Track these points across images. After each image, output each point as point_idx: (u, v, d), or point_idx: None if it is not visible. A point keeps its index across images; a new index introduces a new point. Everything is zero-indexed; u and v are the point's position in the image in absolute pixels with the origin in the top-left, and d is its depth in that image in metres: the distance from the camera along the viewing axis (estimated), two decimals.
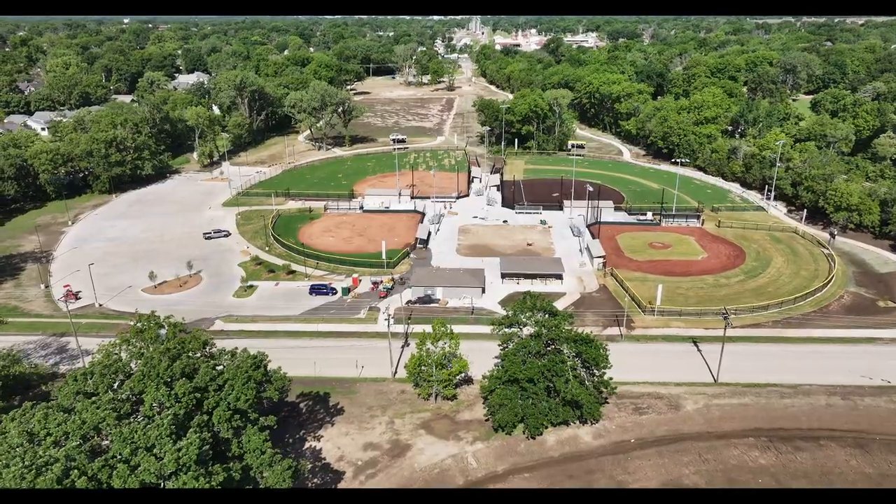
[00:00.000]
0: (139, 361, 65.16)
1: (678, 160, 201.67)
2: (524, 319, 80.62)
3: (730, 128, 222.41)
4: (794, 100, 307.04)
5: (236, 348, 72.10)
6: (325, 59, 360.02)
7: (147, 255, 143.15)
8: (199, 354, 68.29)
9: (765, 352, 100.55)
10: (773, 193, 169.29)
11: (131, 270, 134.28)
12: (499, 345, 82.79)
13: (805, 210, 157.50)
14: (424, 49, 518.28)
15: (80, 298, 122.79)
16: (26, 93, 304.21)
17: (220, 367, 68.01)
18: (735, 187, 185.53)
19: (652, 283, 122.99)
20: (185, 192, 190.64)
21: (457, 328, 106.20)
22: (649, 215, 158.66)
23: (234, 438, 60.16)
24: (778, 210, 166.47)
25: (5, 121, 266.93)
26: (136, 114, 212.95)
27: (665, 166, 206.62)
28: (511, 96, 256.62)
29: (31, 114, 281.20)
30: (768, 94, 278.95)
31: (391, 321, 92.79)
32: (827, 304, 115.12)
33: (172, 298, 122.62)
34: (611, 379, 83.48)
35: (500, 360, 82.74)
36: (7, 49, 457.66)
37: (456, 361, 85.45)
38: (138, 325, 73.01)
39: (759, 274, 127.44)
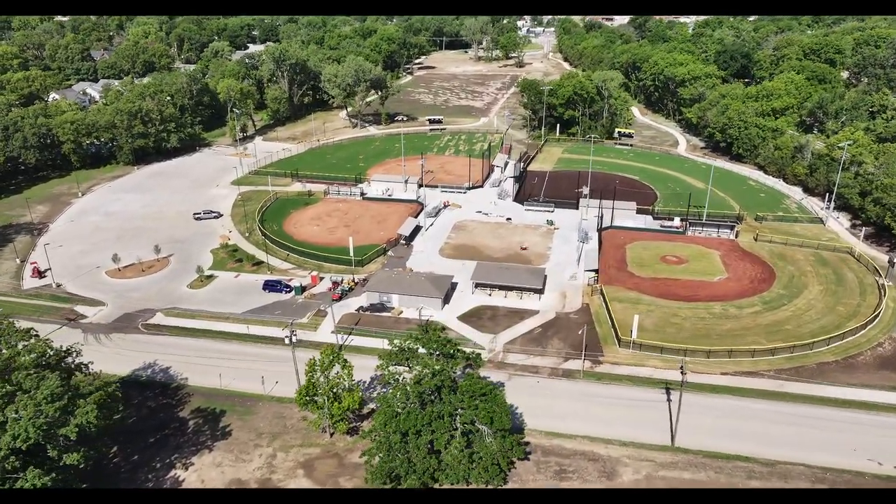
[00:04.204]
0: None
1: (732, 155, 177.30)
2: (415, 358, 67.41)
3: (808, 120, 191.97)
4: None
5: (48, 371, 63.84)
6: (390, 31, 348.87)
7: (135, 233, 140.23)
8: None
9: (751, 411, 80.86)
10: (832, 203, 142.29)
11: (110, 249, 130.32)
12: (381, 385, 70.21)
13: (866, 227, 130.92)
14: (507, 21, 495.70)
15: (45, 276, 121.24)
16: (98, 60, 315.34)
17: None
18: (796, 192, 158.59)
19: (646, 306, 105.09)
20: (206, 166, 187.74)
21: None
22: (677, 221, 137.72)
23: (4, 484, 52.18)
24: (839, 224, 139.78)
25: (73, 87, 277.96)
26: (172, 85, 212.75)
27: (720, 162, 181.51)
28: (580, 74, 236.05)
29: (97, 81, 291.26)
30: (874, 80, 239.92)
31: (293, 336, 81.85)
32: (856, 354, 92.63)
33: (130, 283, 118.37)
34: (523, 437, 69.03)
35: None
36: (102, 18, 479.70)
37: (347, 395, 73.82)
38: None
39: (781, 305, 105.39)
